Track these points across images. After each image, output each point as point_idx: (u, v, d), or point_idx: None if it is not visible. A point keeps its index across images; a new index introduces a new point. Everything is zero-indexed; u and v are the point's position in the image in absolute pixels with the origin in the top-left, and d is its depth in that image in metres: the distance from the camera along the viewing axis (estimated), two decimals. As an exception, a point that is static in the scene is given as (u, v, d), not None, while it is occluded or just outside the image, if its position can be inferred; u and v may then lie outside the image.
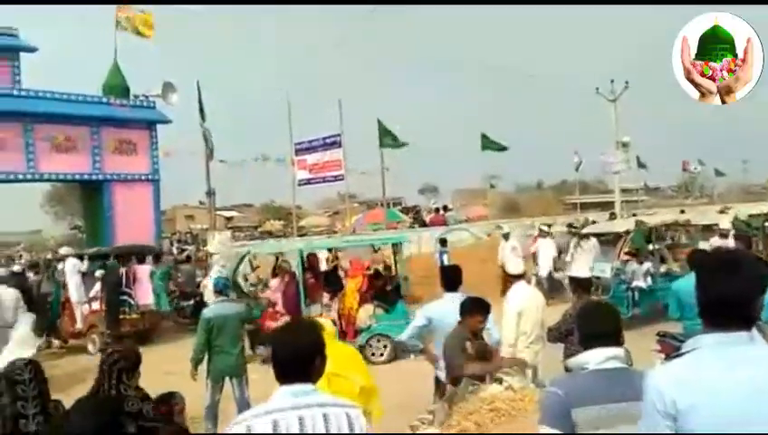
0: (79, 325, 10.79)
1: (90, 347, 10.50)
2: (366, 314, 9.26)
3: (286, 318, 8.41)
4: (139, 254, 11.64)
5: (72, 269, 10.82)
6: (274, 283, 10.11)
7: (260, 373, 6.23)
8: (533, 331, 5.35)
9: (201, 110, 18.69)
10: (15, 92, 12.71)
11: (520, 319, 5.32)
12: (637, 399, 2.30)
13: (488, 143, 23.04)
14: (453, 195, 42.90)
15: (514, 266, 5.81)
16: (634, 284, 10.22)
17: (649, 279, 10.33)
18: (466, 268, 5.50)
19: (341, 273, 11.20)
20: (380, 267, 11.32)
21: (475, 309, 4.30)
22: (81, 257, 11.36)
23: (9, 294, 8.61)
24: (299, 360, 2.25)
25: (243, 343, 6.33)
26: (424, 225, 22.92)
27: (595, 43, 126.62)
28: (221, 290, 6.75)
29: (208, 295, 10.30)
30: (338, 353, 3.62)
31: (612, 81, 21.17)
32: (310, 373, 2.26)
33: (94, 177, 13.88)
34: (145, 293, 11.15)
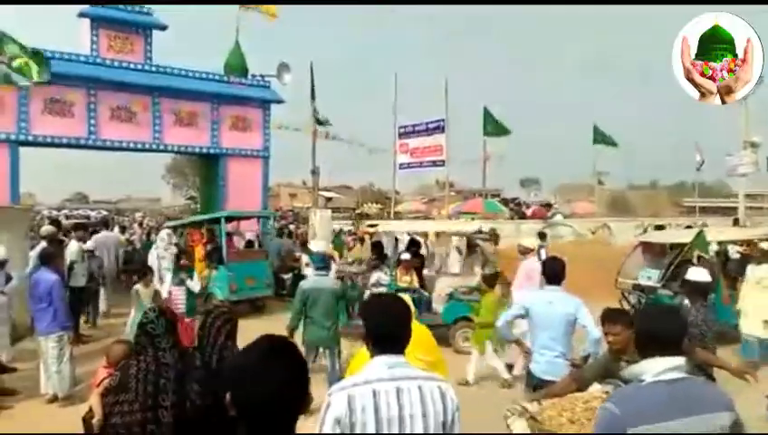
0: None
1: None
2: None
3: None
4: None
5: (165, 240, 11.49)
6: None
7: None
8: None
9: (313, 90, 19.33)
10: (147, 67, 13.74)
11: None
12: (701, 413, 2.11)
13: (600, 137, 21.97)
14: (556, 189, 41.42)
15: None
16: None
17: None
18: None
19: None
20: None
21: (606, 319, 3.85)
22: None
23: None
24: (395, 331, 2.27)
25: (338, 318, 6.52)
26: (524, 218, 22.38)
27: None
28: (319, 265, 7.02)
29: (306, 269, 10.70)
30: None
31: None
32: (403, 345, 2.28)
33: (212, 150, 14.76)
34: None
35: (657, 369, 2.19)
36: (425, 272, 10.86)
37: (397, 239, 13.33)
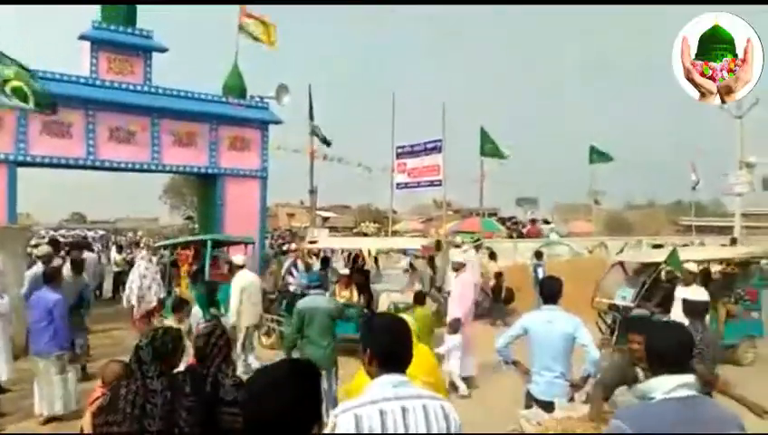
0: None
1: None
2: None
3: None
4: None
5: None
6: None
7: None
8: None
9: (311, 111, 19.46)
10: (146, 89, 13.84)
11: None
12: (715, 430, 2.10)
13: (597, 157, 22.10)
14: (553, 208, 41.51)
15: None
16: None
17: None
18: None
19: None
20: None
21: (630, 328, 3.90)
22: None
23: None
24: (398, 350, 2.28)
25: (333, 337, 6.49)
26: (521, 236, 22.39)
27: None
28: (315, 284, 7.02)
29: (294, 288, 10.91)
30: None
31: (739, 95, 19.56)
32: (406, 364, 2.28)
33: (210, 170, 14.80)
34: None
35: (667, 386, 2.18)
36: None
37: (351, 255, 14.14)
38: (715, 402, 2.28)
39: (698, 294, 5.24)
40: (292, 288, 10.97)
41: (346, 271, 10.16)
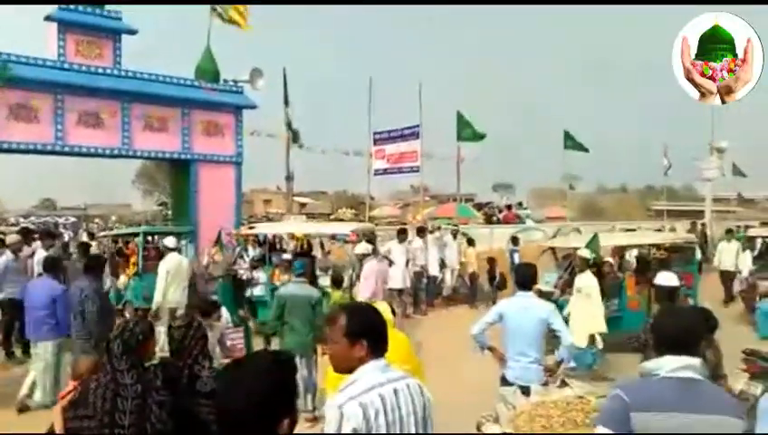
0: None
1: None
2: None
3: None
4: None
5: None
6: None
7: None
8: None
9: (286, 96, 19.21)
10: (116, 72, 13.49)
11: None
12: (708, 413, 2.14)
13: (571, 143, 22.29)
14: (529, 194, 41.92)
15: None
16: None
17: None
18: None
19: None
20: None
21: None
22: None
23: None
24: (384, 334, 2.38)
25: (313, 325, 6.50)
26: (498, 222, 22.57)
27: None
28: (298, 273, 7.02)
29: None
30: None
31: (710, 81, 19.84)
32: (387, 349, 2.38)
33: (183, 156, 14.53)
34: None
35: (671, 366, 2.25)
36: None
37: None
38: (717, 389, 2.32)
39: (667, 279, 5.32)
40: (240, 273, 11.32)
41: (288, 256, 10.71)
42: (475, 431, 4.48)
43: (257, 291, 11.24)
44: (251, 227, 14.29)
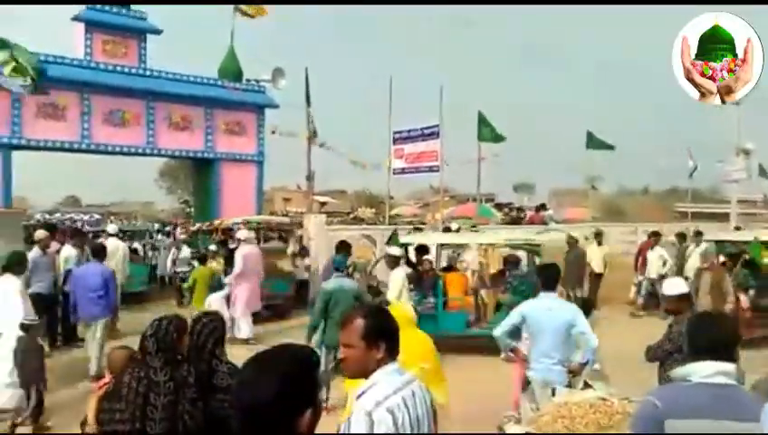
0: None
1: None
2: None
3: None
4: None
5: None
6: None
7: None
8: None
9: (308, 95, 19.27)
10: (141, 72, 13.69)
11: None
12: (743, 419, 2.10)
13: (594, 142, 22.03)
14: (550, 194, 41.56)
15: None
16: None
17: None
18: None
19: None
20: None
21: None
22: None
23: None
24: (398, 337, 2.36)
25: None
26: (516, 222, 22.37)
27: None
28: (338, 267, 7.11)
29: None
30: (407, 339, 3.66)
31: (737, 82, 19.44)
32: (399, 350, 2.37)
33: (206, 155, 14.72)
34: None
35: (705, 372, 2.21)
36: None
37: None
38: (752, 396, 2.28)
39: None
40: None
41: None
42: (496, 431, 4.46)
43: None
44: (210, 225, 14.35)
